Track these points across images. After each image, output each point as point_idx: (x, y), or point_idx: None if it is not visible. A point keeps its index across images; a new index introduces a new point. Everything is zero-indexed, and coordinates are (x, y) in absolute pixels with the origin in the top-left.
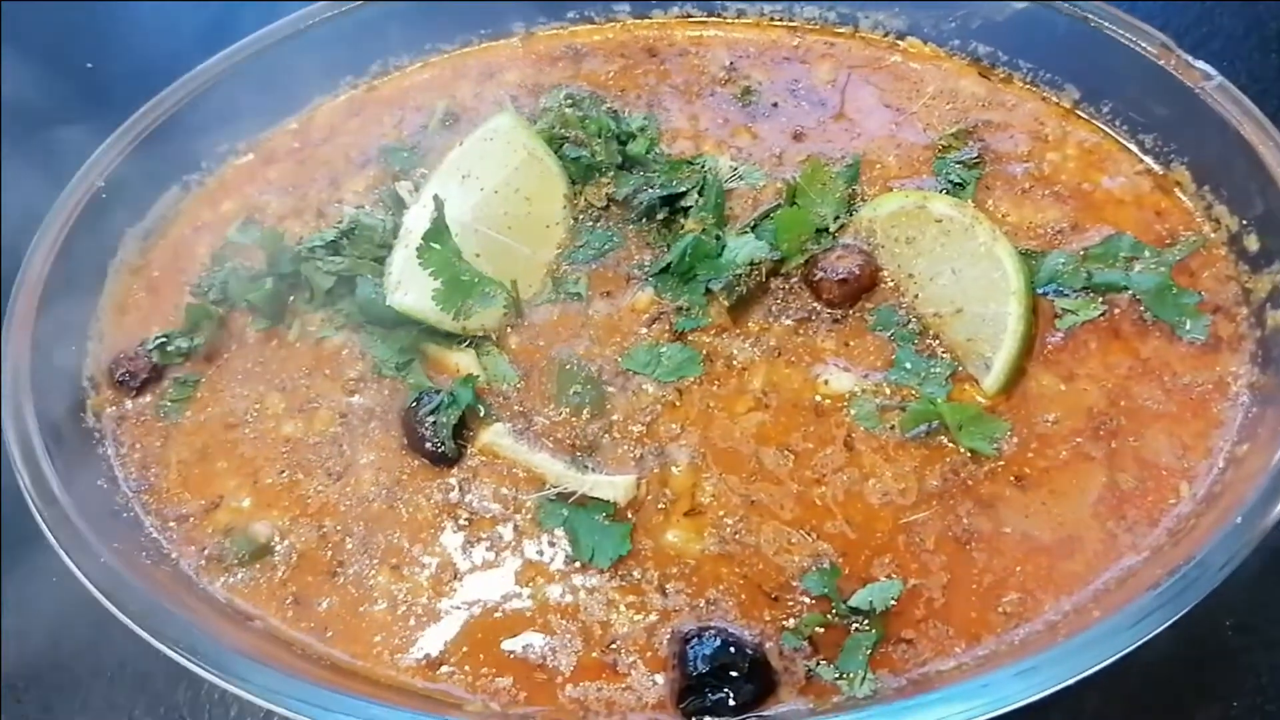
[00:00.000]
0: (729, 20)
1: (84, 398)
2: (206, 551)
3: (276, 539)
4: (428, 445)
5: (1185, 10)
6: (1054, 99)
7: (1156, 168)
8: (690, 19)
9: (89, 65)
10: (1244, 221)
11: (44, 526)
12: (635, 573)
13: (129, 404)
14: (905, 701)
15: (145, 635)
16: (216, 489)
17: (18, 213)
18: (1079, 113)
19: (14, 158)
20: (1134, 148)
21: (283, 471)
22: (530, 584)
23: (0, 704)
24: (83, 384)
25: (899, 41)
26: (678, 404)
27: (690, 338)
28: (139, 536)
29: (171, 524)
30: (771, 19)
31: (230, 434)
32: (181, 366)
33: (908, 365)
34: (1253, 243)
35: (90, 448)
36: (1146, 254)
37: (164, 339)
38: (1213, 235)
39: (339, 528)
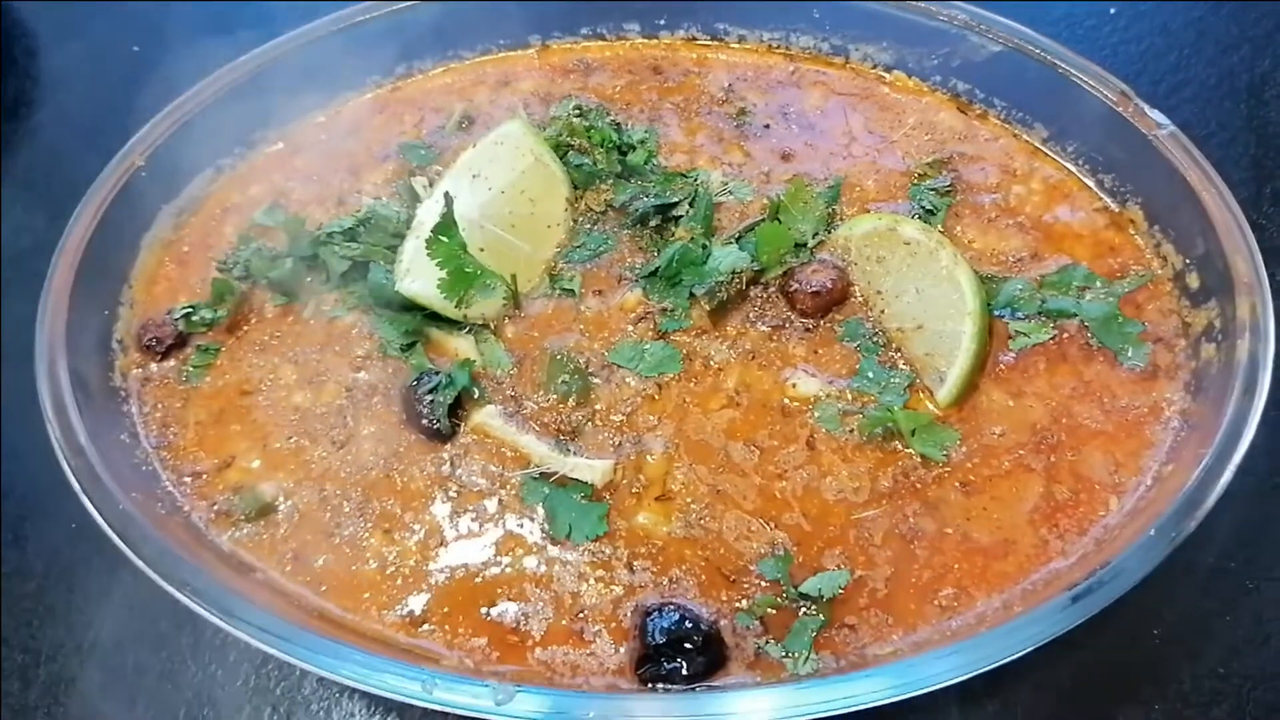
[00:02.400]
0: (731, 44)
1: (113, 359)
2: (216, 506)
3: (281, 499)
4: (424, 421)
5: (1162, 59)
6: (1024, 136)
7: (1113, 206)
8: (695, 41)
9: (135, 49)
10: (1187, 260)
11: (70, 474)
12: (606, 550)
13: (154, 367)
14: (838, 677)
15: (155, 577)
16: (229, 450)
17: (62, 190)
18: (1046, 150)
19: (61, 134)
20: (1094, 186)
21: (291, 437)
22: (510, 554)
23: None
24: (113, 346)
25: (886, 74)
26: (657, 398)
27: (672, 337)
28: (155, 489)
29: (186, 479)
30: (770, 46)
31: (245, 400)
32: (204, 335)
33: (870, 374)
34: (1194, 280)
35: (116, 405)
36: (1098, 284)
37: (190, 309)
38: (1160, 271)
39: (339, 492)
